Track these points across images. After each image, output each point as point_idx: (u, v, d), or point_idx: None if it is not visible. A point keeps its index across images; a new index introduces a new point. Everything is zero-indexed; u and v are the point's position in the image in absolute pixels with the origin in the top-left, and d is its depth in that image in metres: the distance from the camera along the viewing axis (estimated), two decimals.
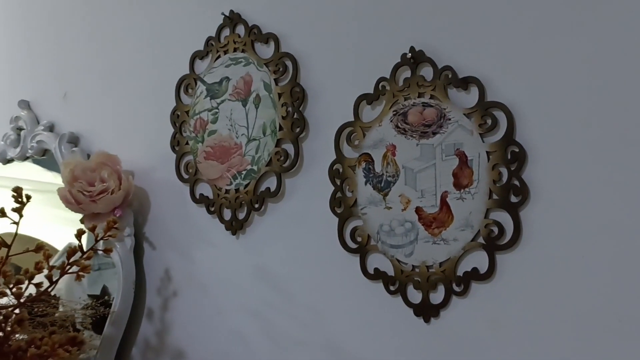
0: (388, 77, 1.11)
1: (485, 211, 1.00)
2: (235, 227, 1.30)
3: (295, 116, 1.20)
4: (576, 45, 0.95)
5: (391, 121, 1.11)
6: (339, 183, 1.15)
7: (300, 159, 1.21)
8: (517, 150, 0.98)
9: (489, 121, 1.01)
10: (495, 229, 1.00)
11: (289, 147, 1.22)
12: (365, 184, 1.13)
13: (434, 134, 1.07)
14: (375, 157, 1.12)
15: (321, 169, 1.18)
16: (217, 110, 1.34)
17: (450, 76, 1.05)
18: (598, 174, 0.93)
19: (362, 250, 1.12)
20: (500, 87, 1.01)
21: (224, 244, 1.32)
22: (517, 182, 0.98)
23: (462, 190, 1.03)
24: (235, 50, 1.33)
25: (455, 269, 1.03)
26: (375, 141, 1.13)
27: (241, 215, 1.29)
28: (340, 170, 1.15)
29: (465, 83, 1.03)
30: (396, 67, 1.11)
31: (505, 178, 0.99)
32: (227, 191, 1.30)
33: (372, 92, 1.13)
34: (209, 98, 1.35)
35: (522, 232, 0.98)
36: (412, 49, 1.08)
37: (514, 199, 0.98)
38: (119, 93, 1.57)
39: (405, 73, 1.10)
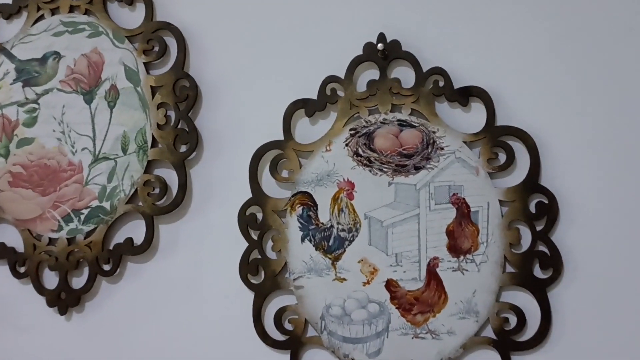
0: (342, 76, 0.88)
1: (497, 290, 0.82)
2: (66, 301, 0.98)
3: (180, 125, 0.94)
4: (630, 48, 0.82)
5: (347, 145, 0.88)
6: (256, 237, 0.90)
7: (187, 194, 0.94)
8: (545, 200, 0.81)
9: (503, 155, 0.83)
10: (513, 318, 0.82)
11: (168, 175, 0.95)
12: (303, 240, 0.88)
13: (417, 169, 0.85)
14: (319, 199, 0.88)
15: (225, 212, 0.92)
16: (35, 106, 1.00)
17: (442, 84, 0.85)
18: None
19: (294, 344, 0.88)
20: (518, 103, 0.84)
21: (44, 329, 1.00)
22: (545, 249, 0.81)
23: (461, 258, 0.83)
24: (72, 9, 1.01)
25: None
26: (319, 174, 0.88)
27: (78, 283, 0.98)
28: (260, 217, 0.90)
29: (465, 95, 0.85)
30: (356, 63, 0.88)
31: (527, 242, 0.82)
32: (51, 241, 0.99)
33: (315, 97, 0.89)
34: (20, 84, 1.02)
35: (553, 323, 0.81)
36: (381, 37, 0.86)
37: (540, 273, 0.81)
38: None
39: (371, 73, 0.89)
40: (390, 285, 0.84)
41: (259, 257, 0.89)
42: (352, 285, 0.85)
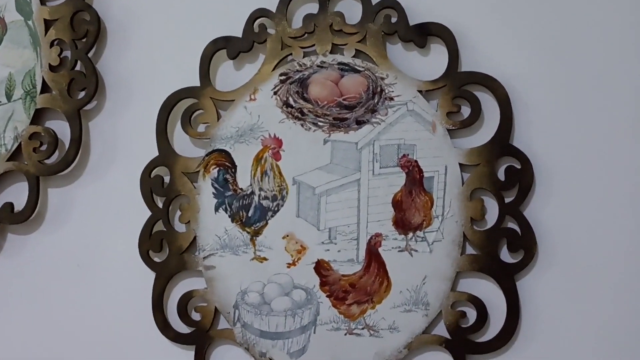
0: (274, 10, 0.81)
1: (454, 277, 0.74)
2: None
3: (77, 67, 0.87)
4: None
5: (276, 93, 0.80)
6: (161, 205, 0.82)
7: (83, 152, 0.87)
8: (517, 165, 0.73)
9: (467, 108, 0.75)
10: (472, 313, 0.74)
11: (60, 127, 0.88)
12: (217, 209, 0.80)
13: (360, 123, 0.77)
14: (239, 159, 0.80)
15: (128, 175, 0.85)
16: None
17: (394, 20, 0.78)
18: None
19: (201, 338, 0.80)
20: (487, 45, 0.77)
21: None
22: (515, 226, 0.73)
23: (410, 235, 0.75)
24: None
25: None
26: (241, 129, 0.80)
27: None
28: (166, 179, 0.82)
29: (422, 34, 0.77)
30: None
31: (493, 217, 0.74)
32: None
33: (239, 35, 0.81)
34: None
35: (521, 320, 0.73)
36: None
37: (508, 257, 0.74)
38: None
39: (308, 6, 0.81)
40: (320, 267, 0.75)
41: (164, 229, 0.79)
42: (274, 267, 0.77)
